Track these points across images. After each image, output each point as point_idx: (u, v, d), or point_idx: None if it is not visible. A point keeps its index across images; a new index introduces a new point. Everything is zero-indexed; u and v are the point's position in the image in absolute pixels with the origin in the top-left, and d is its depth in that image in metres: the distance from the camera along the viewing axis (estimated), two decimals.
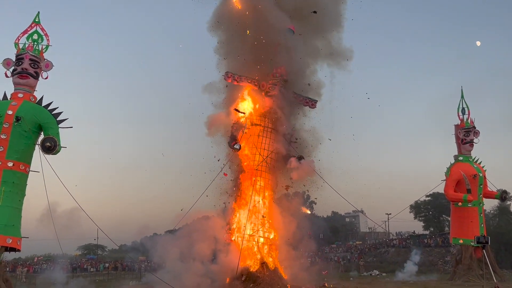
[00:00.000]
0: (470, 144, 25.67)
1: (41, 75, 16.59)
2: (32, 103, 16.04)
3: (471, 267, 23.95)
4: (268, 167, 21.79)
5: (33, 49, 16.61)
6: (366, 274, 33.12)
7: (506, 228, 36.85)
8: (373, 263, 38.74)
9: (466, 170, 24.79)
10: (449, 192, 24.78)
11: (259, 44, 21.79)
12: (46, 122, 15.72)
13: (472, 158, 25.73)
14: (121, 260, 48.32)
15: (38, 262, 47.30)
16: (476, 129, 25.78)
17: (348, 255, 44.61)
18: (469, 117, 26.08)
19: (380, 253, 44.22)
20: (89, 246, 63.95)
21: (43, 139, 15.29)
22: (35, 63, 16.32)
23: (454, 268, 25.57)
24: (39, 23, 17.14)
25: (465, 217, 24.39)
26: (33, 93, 16.42)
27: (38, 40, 16.89)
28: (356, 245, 50.65)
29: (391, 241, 48.96)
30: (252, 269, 20.20)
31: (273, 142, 22.02)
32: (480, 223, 24.34)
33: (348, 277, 29.84)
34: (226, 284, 19.71)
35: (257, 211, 21.15)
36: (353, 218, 73.03)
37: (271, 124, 22.01)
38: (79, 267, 43.75)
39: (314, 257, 38.47)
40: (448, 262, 32.83)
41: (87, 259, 52.40)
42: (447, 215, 42.47)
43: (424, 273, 29.74)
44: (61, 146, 15.50)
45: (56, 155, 15.49)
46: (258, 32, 21.79)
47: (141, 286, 24.34)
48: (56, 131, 15.70)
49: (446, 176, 25.25)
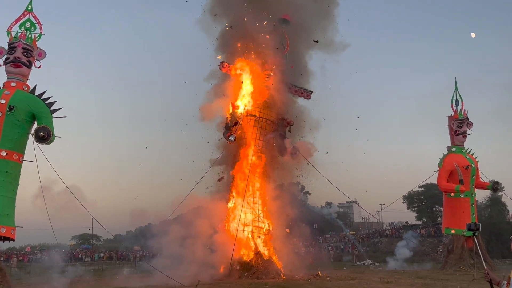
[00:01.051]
0: (463, 135, 25.82)
1: (34, 64, 16.41)
2: (25, 92, 15.89)
3: (463, 257, 24.29)
4: (263, 157, 21.86)
5: (25, 37, 16.40)
6: (359, 264, 33.47)
7: (497, 218, 37.31)
8: (366, 253, 39.13)
9: (459, 161, 24.97)
10: (442, 182, 24.98)
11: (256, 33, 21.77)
12: (40, 111, 15.58)
13: (465, 149, 25.91)
14: (116, 250, 48.46)
15: (32, 251, 47.34)
16: (469, 120, 25.91)
17: (341, 245, 45.03)
18: (462, 108, 26.21)
19: (374, 243, 44.67)
20: (84, 236, 64.02)
21: (36, 128, 15.18)
22: (28, 52, 16.13)
23: (446, 257, 25.91)
24: (31, 11, 16.90)
25: (457, 208, 24.65)
26: (26, 82, 16.27)
27: (30, 28, 16.66)
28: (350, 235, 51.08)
29: (384, 231, 49.43)
30: (246, 258, 20.36)
31: (268, 132, 22.08)
32: (472, 214, 24.60)
33: (341, 266, 30.15)
34: (221, 273, 19.86)
35: (252, 201, 21.27)
36: (347, 208, 73.52)
37: (266, 114, 22.03)
38: (74, 257, 43.84)
39: (308, 247, 38.82)
40: (440, 251, 33.23)
41: (81, 249, 52.51)
42: (439, 206, 42.90)
43: (416, 262, 30.11)
44: (55, 135, 15.42)
45: (50, 144, 15.41)
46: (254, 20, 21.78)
47: (136, 275, 24.46)
48: (50, 121, 15.57)
49: (439, 167, 25.42)
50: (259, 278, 19.14)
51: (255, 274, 19.47)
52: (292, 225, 22.22)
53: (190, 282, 16.95)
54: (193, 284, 16.14)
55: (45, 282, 20.87)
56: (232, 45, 22.43)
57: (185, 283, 16.83)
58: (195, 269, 19.45)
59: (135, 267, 32.45)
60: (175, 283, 16.85)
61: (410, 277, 20.12)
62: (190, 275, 18.62)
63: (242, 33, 22.09)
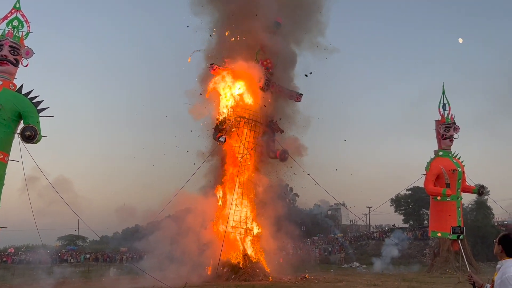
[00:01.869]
0: (450, 139, 26.12)
1: (21, 63, 16.21)
2: (11, 91, 15.67)
3: (448, 260, 24.55)
4: (252, 159, 21.87)
5: (13, 35, 16.20)
6: (347, 266, 33.60)
7: (482, 222, 37.72)
8: (353, 256, 39.30)
9: (446, 165, 25.26)
10: (429, 186, 25.24)
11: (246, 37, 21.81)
12: (26, 110, 15.39)
13: (451, 153, 26.22)
14: (102, 251, 47.98)
15: (16, 252, 46.65)
16: (456, 124, 26.25)
17: (329, 248, 45.16)
18: (449, 113, 26.53)
19: (361, 246, 44.90)
20: (70, 237, 63.26)
21: (23, 128, 14.98)
22: (15, 50, 15.92)
23: (432, 260, 26.15)
24: (19, 9, 16.69)
25: (443, 211, 24.91)
26: (13, 81, 16.05)
27: (18, 26, 16.45)
28: (337, 237, 51.29)
29: (371, 233, 49.74)
30: (234, 260, 20.33)
31: (257, 134, 22.10)
32: (458, 217, 24.89)
33: (329, 268, 30.25)
34: (208, 275, 19.79)
35: (241, 202, 21.25)
36: (335, 211, 73.87)
37: (256, 116, 22.05)
38: (59, 258, 43.29)
39: (296, 249, 38.87)
40: (427, 254, 33.52)
41: (67, 250, 51.87)
42: (426, 209, 43.28)
43: (403, 265, 30.33)
44: (42, 135, 15.23)
45: (36, 144, 15.22)
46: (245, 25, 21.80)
47: (123, 276, 24.25)
48: (37, 120, 15.39)
49: (426, 171, 25.68)
50: (247, 280, 19.12)
51: (242, 276, 19.45)
52: (280, 227, 22.25)
53: (177, 284, 16.86)
54: (180, 286, 16.06)
55: (29, 283, 20.57)
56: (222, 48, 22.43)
57: (172, 285, 16.73)
58: (183, 270, 19.36)
59: (122, 268, 32.13)
60: (162, 285, 16.74)
61: (397, 280, 20.27)
62: (178, 276, 18.52)
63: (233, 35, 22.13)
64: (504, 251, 3.90)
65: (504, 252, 3.90)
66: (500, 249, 3.93)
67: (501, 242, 3.95)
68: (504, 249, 3.90)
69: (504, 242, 3.93)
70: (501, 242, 3.95)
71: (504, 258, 3.90)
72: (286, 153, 21.72)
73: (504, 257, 3.90)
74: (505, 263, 3.85)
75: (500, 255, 3.94)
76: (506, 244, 3.91)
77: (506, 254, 3.89)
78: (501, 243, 3.94)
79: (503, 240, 3.95)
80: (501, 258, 3.93)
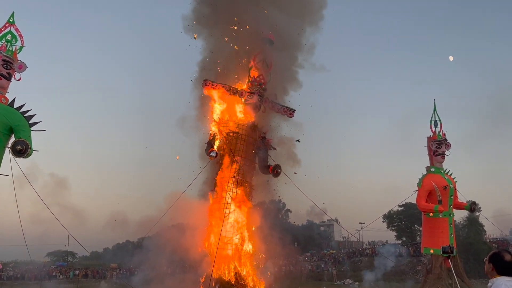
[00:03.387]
0: (442, 156, 26.24)
1: (14, 77, 16.15)
2: (3, 104, 15.55)
3: (441, 277, 24.43)
4: (244, 175, 21.80)
5: (6, 49, 16.17)
6: (339, 283, 33.38)
7: (474, 238, 37.86)
8: (346, 272, 39.08)
9: (438, 181, 25.33)
10: (421, 202, 25.23)
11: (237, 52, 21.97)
12: (18, 124, 15.25)
13: (443, 169, 26.35)
14: (92, 268, 47.26)
15: (4, 268, 45.80)
16: (447, 141, 26.42)
17: (322, 264, 44.90)
18: (441, 129, 26.70)
19: (354, 262, 44.69)
20: (59, 253, 62.31)
21: (14, 142, 14.84)
22: (7, 64, 15.85)
23: (425, 277, 26.02)
24: (13, 23, 16.69)
25: (436, 227, 24.88)
26: (5, 95, 15.97)
27: (11, 40, 16.40)
28: (330, 254, 51.04)
29: (364, 250, 49.58)
30: (226, 277, 20.10)
31: (250, 150, 22.08)
32: (450, 233, 24.87)
33: (321, 285, 30.01)
34: None
35: (232, 219, 21.10)
36: (328, 227, 73.64)
37: (248, 132, 22.06)
38: (48, 274, 42.53)
39: (289, 266, 38.59)
40: (419, 271, 33.42)
41: (56, 266, 51.00)
42: (419, 225, 43.35)
43: (396, 281, 30.20)
44: (33, 149, 15.10)
45: (27, 158, 15.08)
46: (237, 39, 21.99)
47: None
48: (28, 134, 15.26)
49: (418, 187, 25.71)
50: None
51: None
52: (273, 243, 22.09)
53: None
54: None
55: None
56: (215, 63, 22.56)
57: None
58: (174, 287, 19.10)
59: (112, 285, 31.60)
60: None
61: None
62: None
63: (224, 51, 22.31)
64: (494, 269, 3.91)
65: (495, 270, 3.91)
66: (490, 267, 3.94)
67: (491, 260, 3.96)
68: (494, 267, 3.91)
69: (495, 261, 3.94)
70: (491, 260, 3.96)
71: (495, 276, 3.90)
72: (279, 168, 21.69)
73: (495, 275, 3.91)
74: (496, 281, 3.86)
75: (490, 273, 3.95)
76: (496, 263, 3.92)
77: (496, 272, 3.89)
78: (491, 261, 3.96)
79: (493, 258, 3.97)
80: (492, 276, 3.94)
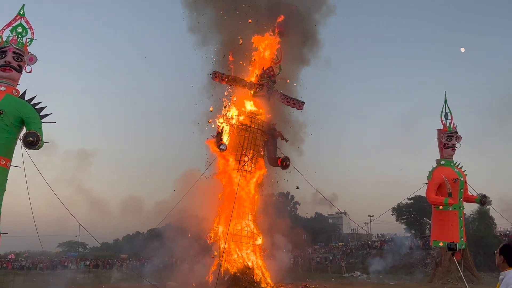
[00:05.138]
0: (452, 148, 26.04)
1: (25, 69, 16.30)
2: (14, 97, 15.75)
3: (450, 270, 24.37)
4: (254, 167, 21.82)
5: (17, 42, 16.29)
6: (348, 275, 33.40)
7: (484, 231, 37.48)
8: (355, 264, 39.08)
9: (448, 174, 25.17)
10: (431, 195, 25.12)
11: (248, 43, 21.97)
12: (29, 116, 15.44)
13: (453, 162, 26.14)
14: (102, 258, 47.84)
15: (16, 258, 46.56)
16: (458, 134, 26.18)
17: (330, 256, 44.93)
18: (451, 122, 26.48)
19: (362, 255, 44.63)
20: (70, 244, 63.14)
21: (25, 133, 15.03)
22: (18, 56, 16.01)
23: (434, 270, 25.96)
24: (23, 15, 16.82)
25: (445, 220, 24.78)
26: (16, 87, 16.13)
27: (22, 33, 16.56)
28: (338, 246, 51.05)
29: (373, 243, 49.47)
30: (235, 269, 20.20)
31: (259, 142, 22.07)
32: (460, 227, 24.75)
33: (330, 277, 30.07)
34: (209, 283, 19.67)
35: (241, 211, 21.16)
36: (336, 219, 73.58)
37: (258, 124, 22.05)
38: (60, 264, 43.17)
39: (297, 257, 38.68)
40: (428, 264, 33.30)
41: (67, 257, 51.72)
42: (428, 218, 43.08)
43: (405, 274, 30.14)
44: (44, 141, 15.26)
45: (39, 150, 15.25)
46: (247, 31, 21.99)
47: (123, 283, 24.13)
48: (39, 126, 15.44)
49: (428, 180, 25.57)
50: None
51: (243, 284, 19.32)
52: (281, 235, 22.15)
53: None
54: None
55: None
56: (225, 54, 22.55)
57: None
58: (183, 278, 19.27)
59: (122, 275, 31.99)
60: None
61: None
62: (178, 284, 18.43)
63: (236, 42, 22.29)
64: (506, 261, 3.86)
65: (506, 262, 3.86)
66: (501, 259, 3.89)
67: (502, 252, 3.91)
68: (506, 259, 3.87)
69: (506, 253, 3.89)
70: (502, 252, 3.91)
71: (507, 269, 3.85)
72: (287, 160, 21.67)
73: (507, 267, 3.85)
74: (508, 273, 3.80)
75: (502, 266, 3.90)
76: (507, 254, 3.88)
77: (508, 264, 3.85)
78: (503, 253, 3.91)
79: (504, 250, 3.92)
80: (503, 268, 3.89)
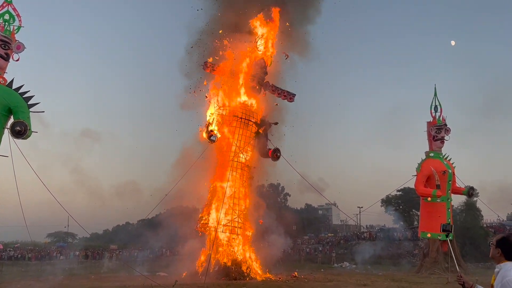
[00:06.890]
0: (441, 141, 26.27)
1: (12, 57, 16.00)
2: (1, 85, 15.47)
3: (437, 260, 24.74)
4: (244, 158, 21.83)
5: (3, 29, 15.98)
6: (337, 266, 33.73)
7: (472, 223, 38.04)
8: (344, 255, 39.46)
9: (436, 166, 25.42)
10: (419, 187, 25.38)
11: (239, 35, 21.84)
12: (16, 105, 15.19)
13: (442, 154, 26.39)
14: (92, 248, 47.66)
15: (4, 249, 46.19)
16: (447, 126, 26.42)
17: (319, 247, 45.30)
18: (441, 114, 26.68)
19: (351, 245, 45.07)
20: (59, 234, 62.78)
21: (13, 123, 14.80)
22: (5, 44, 15.69)
23: (421, 261, 26.32)
24: (11, 2, 16.45)
25: (433, 212, 25.07)
26: (3, 75, 15.84)
27: (9, 20, 16.21)
28: (328, 237, 51.47)
29: (362, 233, 49.98)
30: (225, 259, 20.29)
31: (250, 133, 22.06)
32: (447, 218, 25.07)
33: (319, 268, 30.34)
34: (199, 274, 19.73)
35: (232, 202, 21.20)
36: (326, 210, 74.06)
37: (248, 115, 22.01)
38: (48, 255, 42.93)
39: (287, 249, 38.89)
40: (416, 255, 33.76)
41: (56, 247, 51.46)
42: (416, 210, 43.57)
43: (393, 265, 30.51)
44: (32, 130, 15.07)
45: (26, 139, 15.05)
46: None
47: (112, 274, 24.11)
48: (27, 115, 15.21)
49: (417, 172, 25.81)
50: (237, 279, 19.10)
51: (233, 275, 19.42)
52: (271, 226, 22.25)
53: (167, 282, 16.80)
54: (170, 284, 15.99)
55: (17, 280, 20.37)
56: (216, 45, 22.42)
57: (162, 283, 16.66)
58: (173, 269, 19.29)
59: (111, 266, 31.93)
60: (152, 283, 16.67)
61: (386, 280, 20.38)
62: (168, 274, 18.44)
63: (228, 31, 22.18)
64: (503, 254, 3.75)
65: (503, 256, 3.75)
66: (498, 252, 3.78)
67: (499, 245, 3.79)
68: (503, 252, 3.76)
69: (503, 245, 3.77)
70: (500, 245, 3.79)
71: (503, 262, 3.75)
72: (278, 151, 21.71)
73: (503, 260, 3.74)
74: (504, 266, 3.71)
75: (498, 259, 3.77)
76: (505, 247, 3.77)
77: (505, 258, 3.74)
78: (500, 246, 3.79)
79: (501, 243, 3.78)
80: (499, 261, 3.77)
